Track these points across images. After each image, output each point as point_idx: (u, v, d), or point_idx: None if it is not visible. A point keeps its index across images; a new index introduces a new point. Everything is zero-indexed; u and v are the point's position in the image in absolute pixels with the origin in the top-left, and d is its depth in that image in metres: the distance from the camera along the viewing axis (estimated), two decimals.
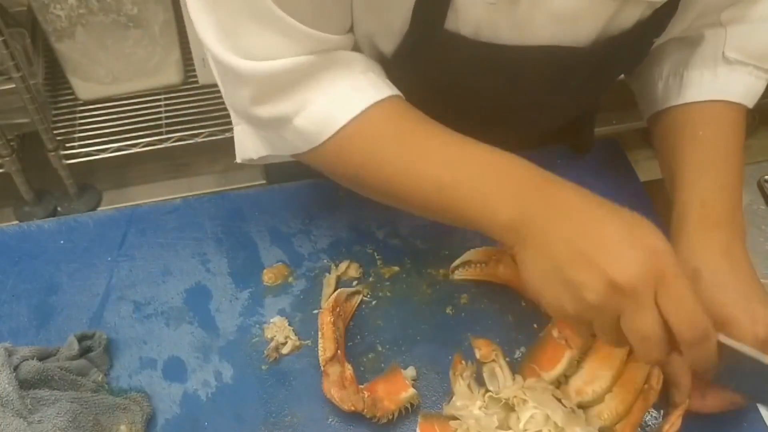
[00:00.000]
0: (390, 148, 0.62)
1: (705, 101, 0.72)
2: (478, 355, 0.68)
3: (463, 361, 0.68)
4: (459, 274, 0.76)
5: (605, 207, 0.55)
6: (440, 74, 0.69)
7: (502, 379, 0.66)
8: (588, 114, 0.88)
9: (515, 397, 0.62)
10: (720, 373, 0.56)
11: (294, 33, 0.59)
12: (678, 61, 0.74)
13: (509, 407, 0.62)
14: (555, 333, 0.66)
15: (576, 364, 0.65)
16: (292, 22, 0.58)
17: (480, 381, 0.67)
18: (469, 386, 0.66)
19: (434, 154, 0.61)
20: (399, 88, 0.67)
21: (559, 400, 0.62)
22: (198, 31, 0.61)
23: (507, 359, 0.68)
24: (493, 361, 0.67)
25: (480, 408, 0.63)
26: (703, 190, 0.67)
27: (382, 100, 0.63)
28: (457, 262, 0.76)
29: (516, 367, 0.68)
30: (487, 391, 0.65)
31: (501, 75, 0.68)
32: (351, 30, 0.65)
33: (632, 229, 0.52)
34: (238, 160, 0.73)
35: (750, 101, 0.73)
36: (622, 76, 0.83)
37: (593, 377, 0.64)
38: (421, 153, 0.61)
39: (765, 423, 0.66)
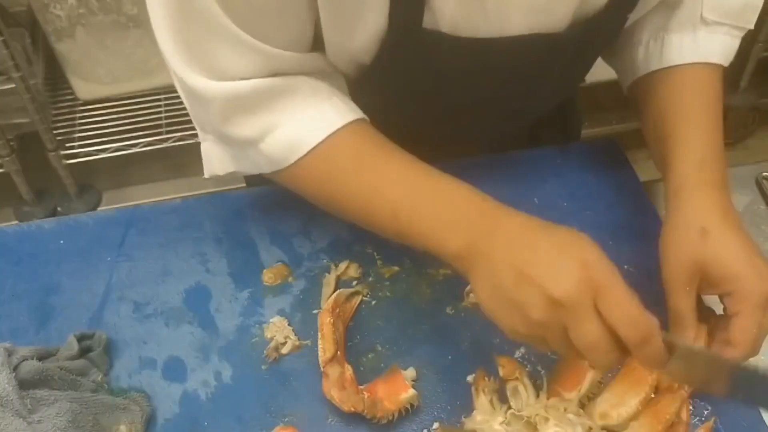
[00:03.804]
0: (349, 174, 0.65)
1: (687, 63, 0.73)
2: (501, 373, 0.66)
3: (486, 377, 0.66)
4: (473, 299, 0.74)
5: (542, 229, 0.58)
6: (424, 75, 0.69)
7: (525, 396, 0.64)
8: (570, 99, 0.89)
9: (537, 415, 0.61)
10: (728, 388, 0.58)
11: (245, 48, 0.60)
12: (657, 25, 0.75)
13: (531, 425, 0.61)
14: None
15: (599, 386, 0.64)
16: (243, 35, 0.59)
17: (503, 397, 0.66)
18: (491, 401, 0.64)
19: (390, 181, 0.64)
20: (381, 97, 0.67)
21: (582, 422, 0.61)
22: (160, 47, 0.62)
23: (531, 379, 0.66)
24: (516, 379, 0.65)
25: (501, 424, 0.62)
26: (699, 152, 0.69)
27: (345, 126, 0.65)
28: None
29: (542, 386, 0.66)
30: (509, 408, 0.64)
31: (484, 69, 0.69)
32: (314, 51, 0.66)
33: (565, 245, 0.55)
34: (206, 175, 0.74)
35: (726, 60, 0.74)
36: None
37: (619, 401, 0.63)
38: (377, 180, 0.64)
39: (765, 423, 0.66)
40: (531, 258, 0.55)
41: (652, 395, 0.64)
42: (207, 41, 0.60)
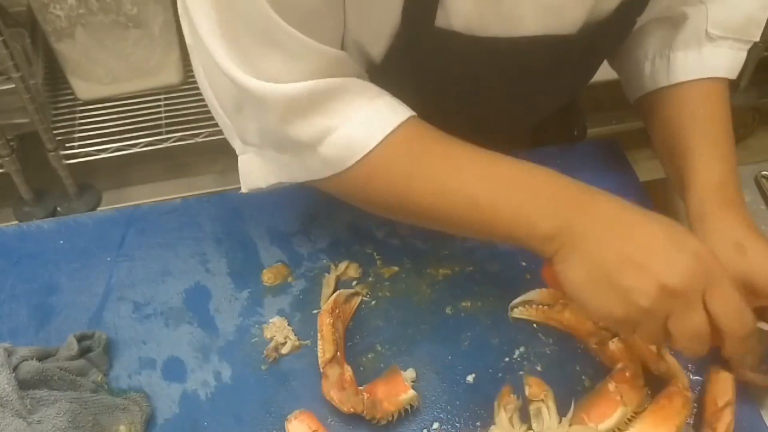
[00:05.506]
0: (420, 170, 0.62)
1: (695, 80, 0.74)
2: (527, 392, 0.65)
3: (511, 394, 0.65)
4: (518, 313, 0.73)
5: (642, 213, 0.57)
6: (434, 74, 0.69)
7: (547, 419, 0.63)
8: (573, 101, 0.90)
9: None
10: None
11: (299, 47, 0.58)
12: (662, 41, 0.76)
13: None
14: (611, 387, 0.63)
15: (627, 422, 0.62)
16: (291, 30, 0.57)
17: (523, 417, 0.65)
18: (510, 419, 0.63)
19: (465, 172, 0.62)
20: (392, 95, 0.67)
21: None
22: (215, 58, 0.60)
23: (557, 403, 0.65)
24: (542, 401, 0.64)
25: None
26: (718, 172, 0.70)
27: (404, 122, 0.63)
28: (518, 300, 0.73)
29: (564, 412, 0.64)
30: (529, 428, 0.63)
31: (494, 69, 0.68)
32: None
33: (674, 233, 0.55)
34: (244, 190, 0.71)
35: (733, 74, 0.75)
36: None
37: None
38: (451, 172, 0.62)
39: (765, 423, 0.66)
40: (641, 243, 0.54)
41: None
42: (260, 43, 0.58)
